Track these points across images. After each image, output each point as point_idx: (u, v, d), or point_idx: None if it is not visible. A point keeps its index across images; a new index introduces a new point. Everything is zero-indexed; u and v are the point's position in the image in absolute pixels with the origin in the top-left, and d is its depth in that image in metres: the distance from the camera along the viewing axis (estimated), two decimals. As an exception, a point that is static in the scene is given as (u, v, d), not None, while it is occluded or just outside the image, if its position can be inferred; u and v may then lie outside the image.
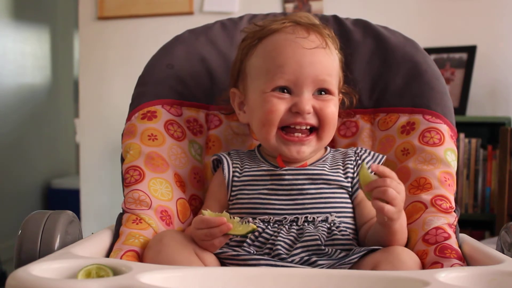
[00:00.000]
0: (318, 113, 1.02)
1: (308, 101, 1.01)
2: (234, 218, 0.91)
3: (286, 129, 1.03)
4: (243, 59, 1.09)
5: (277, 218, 0.99)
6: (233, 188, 1.06)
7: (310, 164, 1.06)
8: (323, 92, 1.03)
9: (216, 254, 0.93)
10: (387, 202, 0.88)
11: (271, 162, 1.07)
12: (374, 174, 0.90)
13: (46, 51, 4.13)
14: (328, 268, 0.88)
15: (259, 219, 1.00)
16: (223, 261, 0.93)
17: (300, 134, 1.02)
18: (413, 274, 0.76)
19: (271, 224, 0.99)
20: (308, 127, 1.02)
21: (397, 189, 0.88)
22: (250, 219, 1.00)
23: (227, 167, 1.08)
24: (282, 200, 1.01)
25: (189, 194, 1.13)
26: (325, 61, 1.02)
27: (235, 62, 1.11)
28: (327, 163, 1.06)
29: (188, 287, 0.75)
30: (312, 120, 1.02)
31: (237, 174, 1.07)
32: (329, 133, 1.05)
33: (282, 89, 1.01)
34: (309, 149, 1.03)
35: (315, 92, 1.02)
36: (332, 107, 1.03)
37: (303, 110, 1.00)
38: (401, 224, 0.93)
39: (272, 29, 1.05)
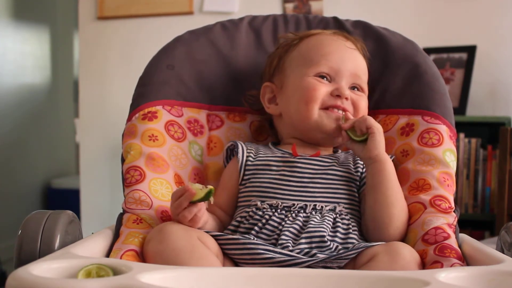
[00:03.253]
0: (353, 103, 1.09)
1: (347, 89, 1.09)
2: (195, 185, 0.93)
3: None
4: (283, 55, 1.15)
5: (285, 204, 1.01)
6: (246, 172, 1.08)
7: (322, 156, 1.08)
8: (356, 88, 1.11)
9: (216, 238, 0.94)
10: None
11: (284, 150, 1.10)
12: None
13: (46, 51, 4.13)
14: (326, 260, 0.89)
15: (267, 203, 1.02)
16: (223, 246, 0.94)
17: (340, 112, 1.09)
18: (413, 274, 0.76)
19: (279, 210, 1.00)
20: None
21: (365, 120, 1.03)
22: (258, 203, 1.02)
23: (241, 151, 1.10)
24: (293, 187, 1.03)
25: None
26: (361, 62, 1.13)
27: (272, 59, 1.17)
28: (338, 159, 1.09)
29: (188, 287, 0.75)
30: (349, 107, 1.09)
31: (251, 158, 1.10)
32: None
33: (323, 76, 1.09)
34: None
35: (349, 86, 1.10)
36: (364, 101, 1.12)
37: (343, 93, 1.08)
38: (389, 170, 1.02)
39: (313, 32, 1.17)
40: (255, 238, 0.96)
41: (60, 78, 4.29)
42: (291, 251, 0.93)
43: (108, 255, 0.95)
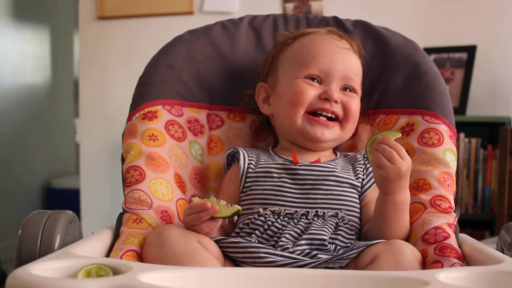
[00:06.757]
0: (344, 106, 1.09)
1: (336, 91, 1.07)
2: (220, 201, 0.92)
3: (312, 114, 1.08)
4: (276, 55, 1.15)
5: (288, 210, 1.01)
6: (247, 180, 1.08)
7: (323, 162, 1.08)
8: (348, 89, 1.10)
9: (218, 242, 0.93)
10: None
11: (285, 157, 1.10)
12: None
13: (46, 51, 4.13)
14: (327, 261, 0.89)
15: (270, 210, 1.01)
16: (224, 249, 0.94)
17: (325, 119, 1.08)
18: (413, 274, 0.76)
19: (281, 217, 1.00)
20: (333, 116, 1.08)
21: (391, 159, 0.92)
22: (261, 210, 1.02)
23: (243, 158, 1.10)
24: (295, 194, 1.03)
25: (189, 194, 1.13)
26: (354, 62, 1.12)
27: (267, 58, 1.18)
28: (338, 165, 1.08)
29: (188, 287, 0.75)
30: (338, 110, 1.08)
31: (252, 166, 1.10)
32: (352, 126, 1.11)
33: (313, 79, 1.08)
34: (331, 135, 1.09)
35: (341, 88, 1.09)
36: (356, 103, 1.10)
37: (332, 97, 1.07)
38: (402, 201, 0.96)
39: (307, 31, 1.15)
40: (256, 241, 0.96)
41: (60, 78, 4.29)
42: (291, 252, 0.92)
43: (108, 255, 0.95)
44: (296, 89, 1.08)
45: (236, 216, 0.94)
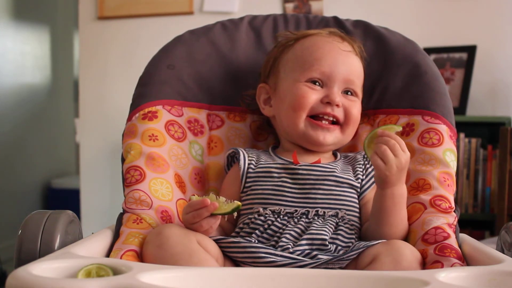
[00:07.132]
0: (345, 110, 1.09)
1: (338, 95, 1.08)
2: (219, 198, 0.92)
3: (313, 117, 1.08)
4: (278, 56, 1.15)
5: (288, 210, 1.01)
6: (248, 180, 1.08)
7: (323, 163, 1.08)
8: (349, 93, 1.10)
9: (217, 242, 0.93)
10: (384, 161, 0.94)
11: (285, 159, 1.10)
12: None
13: (46, 51, 4.13)
14: (327, 262, 0.89)
15: (270, 209, 1.01)
16: (224, 249, 0.94)
17: (327, 123, 1.08)
18: (413, 274, 0.76)
19: (281, 216, 1.00)
20: (334, 120, 1.08)
21: (394, 151, 0.93)
22: (261, 209, 1.02)
23: (243, 158, 1.10)
24: (295, 193, 1.03)
25: (189, 194, 1.13)
26: (356, 65, 1.12)
27: (268, 59, 1.17)
28: (338, 166, 1.08)
29: (188, 287, 0.75)
30: (339, 113, 1.08)
31: (252, 166, 1.10)
32: (352, 130, 1.12)
33: (314, 82, 1.08)
34: (332, 138, 1.09)
35: (342, 91, 1.09)
36: (357, 107, 1.10)
37: (334, 101, 1.07)
38: (400, 194, 0.97)
39: (309, 33, 1.14)
40: (256, 241, 0.96)
41: (60, 78, 4.29)
42: (291, 252, 0.92)
43: (108, 255, 0.95)
44: (298, 93, 1.08)
45: (236, 216, 0.94)
